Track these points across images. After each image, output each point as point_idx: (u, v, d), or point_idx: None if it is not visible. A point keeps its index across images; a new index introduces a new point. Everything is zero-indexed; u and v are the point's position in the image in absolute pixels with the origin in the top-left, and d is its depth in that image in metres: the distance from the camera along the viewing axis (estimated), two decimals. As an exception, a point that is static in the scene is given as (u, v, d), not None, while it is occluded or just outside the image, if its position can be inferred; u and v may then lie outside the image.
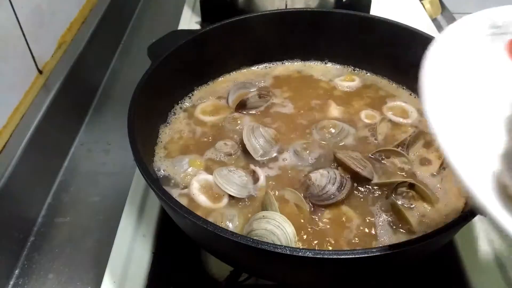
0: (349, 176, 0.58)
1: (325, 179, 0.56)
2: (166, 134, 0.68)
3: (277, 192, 0.58)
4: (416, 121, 0.69)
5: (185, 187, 0.59)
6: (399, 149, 0.62)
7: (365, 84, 0.77)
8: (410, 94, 0.74)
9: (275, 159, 0.63)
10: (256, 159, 0.62)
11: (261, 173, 0.60)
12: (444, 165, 0.62)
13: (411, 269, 0.56)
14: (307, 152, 0.63)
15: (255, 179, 0.59)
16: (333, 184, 0.56)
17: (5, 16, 0.73)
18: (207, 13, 1.06)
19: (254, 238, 0.45)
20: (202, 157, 0.64)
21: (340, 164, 0.60)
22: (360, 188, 0.58)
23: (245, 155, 0.63)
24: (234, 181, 0.57)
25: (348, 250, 0.41)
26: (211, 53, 0.74)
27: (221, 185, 0.57)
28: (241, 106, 0.70)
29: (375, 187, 0.58)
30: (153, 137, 0.66)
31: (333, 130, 0.66)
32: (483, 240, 0.62)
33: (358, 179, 0.59)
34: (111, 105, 0.98)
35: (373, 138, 0.66)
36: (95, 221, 0.74)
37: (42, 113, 0.78)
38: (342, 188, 0.56)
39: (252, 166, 0.61)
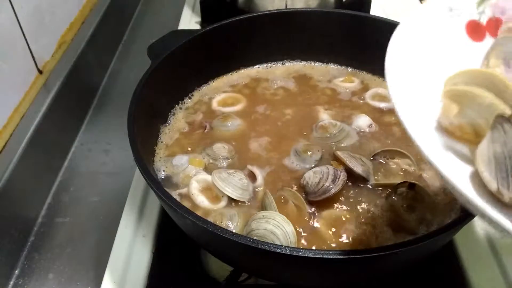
0: (344, 168, 0.58)
1: (318, 175, 0.56)
2: (166, 134, 0.68)
3: (276, 193, 0.58)
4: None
5: (185, 187, 0.59)
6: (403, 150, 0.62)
7: (365, 85, 0.77)
8: (410, 94, 0.74)
9: (274, 159, 0.63)
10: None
11: (259, 174, 0.60)
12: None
13: (411, 269, 0.56)
14: (309, 153, 0.62)
15: (253, 179, 0.59)
16: (327, 178, 0.56)
17: (5, 16, 0.73)
18: (207, 13, 1.06)
19: (254, 238, 0.45)
20: (202, 156, 0.64)
21: (336, 160, 0.60)
22: (360, 188, 0.58)
23: (242, 157, 0.63)
24: (235, 184, 0.57)
25: (348, 250, 0.41)
26: (211, 53, 0.74)
27: (223, 189, 0.56)
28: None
29: (375, 188, 0.58)
30: (153, 137, 0.66)
31: (333, 130, 0.66)
32: (483, 240, 0.62)
33: (355, 178, 0.59)
34: (111, 105, 0.98)
35: (373, 139, 0.66)
36: (95, 221, 0.74)
37: (42, 113, 0.78)
38: (337, 180, 0.56)
39: (249, 167, 0.61)
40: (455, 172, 0.32)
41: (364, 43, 0.76)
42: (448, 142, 0.35)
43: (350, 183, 0.58)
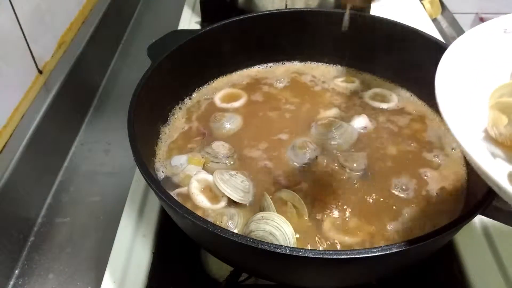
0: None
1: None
2: (166, 134, 0.68)
3: (275, 194, 0.57)
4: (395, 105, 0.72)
5: (185, 186, 0.59)
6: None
7: (365, 85, 0.77)
8: (411, 96, 0.74)
9: (273, 157, 0.63)
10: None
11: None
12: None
13: (411, 269, 0.56)
14: (304, 150, 0.62)
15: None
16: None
17: (5, 16, 0.73)
18: (207, 13, 1.06)
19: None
20: (201, 155, 0.63)
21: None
22: (358, 188, 0.58)
23: (241, 155, 0.63)
24: (237, 186, 0.57)
25: (348, 250, 0.41)
26: (211, 53, 0.74)
27: (224, 191, 0.56)
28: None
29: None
30: (153, 137, 0.66)
31: (332, 128, 0.65)
32: (483, 240, 0.62)
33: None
34: (111, 105, 0.98)
35: (372, 139, 0.66)
36: (95, 221, 0.74)
37: (42, 113, 0.78)
38: None
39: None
40: (495, 170, 0.35)
41: (364, 43, 0.76)
42: (491, 148, 0.39)
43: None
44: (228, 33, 0.74)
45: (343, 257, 0.41)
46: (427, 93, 0.72)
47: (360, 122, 0.68)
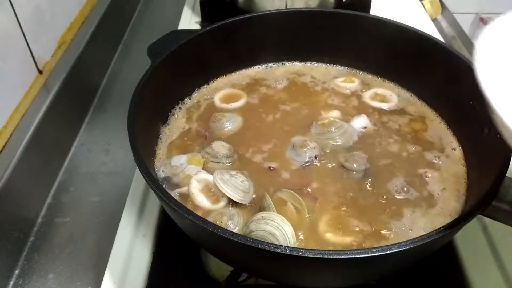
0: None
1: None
2: (166, 134, 0.68)
3: (275, 194, 0.57)
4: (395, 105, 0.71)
5: (185, 186, 0.59)
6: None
7: (365, 85, 0.76)
8: (411, 96, 0.74)
9: (273, 156, 0.63)
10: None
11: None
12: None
13: (411, 269, 0.56)
14: (305, 149, 0.62)
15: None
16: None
17: (5, 16, 0.73)
18: (207, 13, 1.06)
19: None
20: (201, 155, 0.63)
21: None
22: (359, 188, 0.59)
23: (241, 155, 0.63)
24: (237, 186, 0.57)
25: (348, 250, 0.41)
26: (211, 53, 0.74)
27: (224, 191, 0.56)
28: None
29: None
30: (153, 137, 0.66)
31: (332, 128, 0.66)
32: (483, 240, 0.62)
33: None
34: (111, 105, 0.98)
35: (372, 140, 0.66)
36: (95, 221, 0.74)
37: (42, 113, 0.78)
38: None
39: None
40: None
41: (364, 43, 0.76)
42: None
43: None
44: (228, 33, 0.74)
45: (343, 257, 0.41)
46: (427, 93, 0.72)
47: (360, 122, 0.68)
